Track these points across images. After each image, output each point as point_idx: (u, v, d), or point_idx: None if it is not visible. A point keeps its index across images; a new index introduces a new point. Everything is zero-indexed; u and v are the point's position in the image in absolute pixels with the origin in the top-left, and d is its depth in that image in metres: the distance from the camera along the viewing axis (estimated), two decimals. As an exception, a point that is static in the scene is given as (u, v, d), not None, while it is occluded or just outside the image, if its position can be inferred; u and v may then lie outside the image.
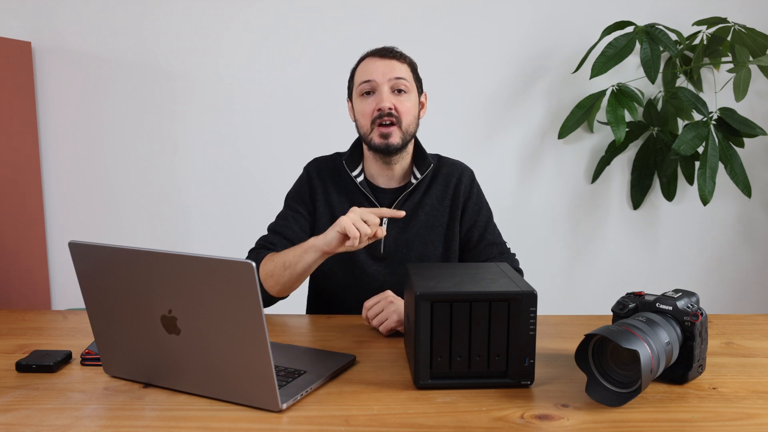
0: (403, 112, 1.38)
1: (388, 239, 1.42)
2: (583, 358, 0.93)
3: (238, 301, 0.84)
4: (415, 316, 0.95)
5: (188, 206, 2.45)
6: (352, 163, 1.46)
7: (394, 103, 1.37)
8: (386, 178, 1.46)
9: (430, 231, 1.44)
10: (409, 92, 1.40)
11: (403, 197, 1.43)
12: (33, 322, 1.34)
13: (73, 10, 2.33)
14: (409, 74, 1.41)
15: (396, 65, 1.38)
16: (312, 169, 1.50)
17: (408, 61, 1.43)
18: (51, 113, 2.39)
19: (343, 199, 1.45)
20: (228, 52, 2.37)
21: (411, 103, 1.40)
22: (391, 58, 1.39)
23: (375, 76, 1.37)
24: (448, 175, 1.48)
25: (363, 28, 2.36)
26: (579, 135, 2.45)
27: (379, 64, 1.38)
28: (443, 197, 1.46)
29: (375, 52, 1.41)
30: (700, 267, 2.54)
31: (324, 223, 1.45)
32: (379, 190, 1.46)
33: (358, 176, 1.45)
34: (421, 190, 1.46)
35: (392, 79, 1.37)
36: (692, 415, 0.88)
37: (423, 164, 1.45)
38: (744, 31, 2.15)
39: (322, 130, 2.40)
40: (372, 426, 0.85)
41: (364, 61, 1.42)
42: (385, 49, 1.41)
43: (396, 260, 1.43)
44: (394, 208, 1.42)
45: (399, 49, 1.43)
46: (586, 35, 2.34)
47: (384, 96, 1.36)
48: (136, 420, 0.87)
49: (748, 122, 2.10)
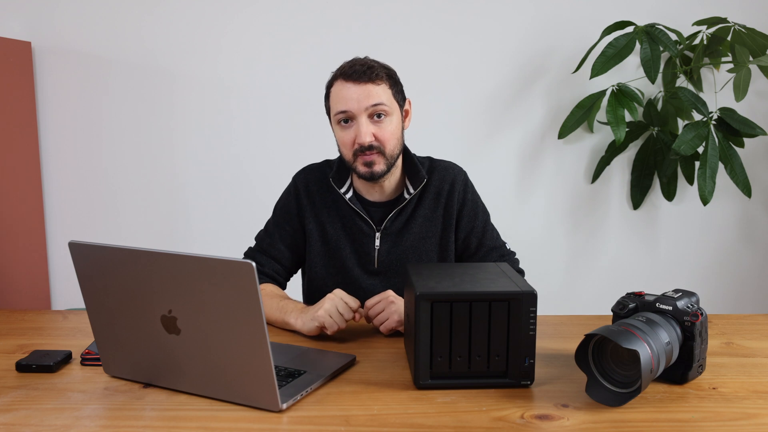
0: (384, 140, 1.31)
1: (381, 253, 1.41)
2: (583, 358, 0.93)
3: (238, 301, 0.84)
4: (415, 316, 0.95)
5: (188, 206, 2.45)
6: (339, 179, 1.41)
7: (374, 132, 1.30)
8: (377, 194, 1.42)
9: (423, 242, 1.41)
10: (390, 114, 1.31)
11: (396, 212, 1.40)
12: (33, 322, 1.34)
13: (73, 10, 2.33)
14: (387, 93, 1.31)
15: (371, 90, 1.28)
16: (300, 183, 1.45)
17: (385, 76, 1.32)
18: (51, 113, 2.38)
19: (333, 215, 1.42)
20: (227, 52, 2.37)
21: (393, 125, 1.33)
22: (366, 81, 1.28)
23: (350, 105, 1.28)
24: (440, 182, 1.42)
25: (363, 28, 2.35)
26: (579, 135, 2.45)
27: (353, 90, 1.28)
28: (435, 207, 1.42)
29: (347, 74, 1.30)
30: (700, 267, 2.54)
31: (315, 240, 1.42)
32: (370, 204, 1.42)
33: (347, 192, 1.41)
34: (413, 202, 1.41)
35: (369, 107, 1.28)
36: (692, 415, 0.88)
37: (416, 178, 1.40)
38: (744, 31, 2.15)
39: (322, 130, 2.39)
40: (372, 426, 0.85)
41: (337, 84, 1.32)
42: (358, 69, 1.29)
43: (390, 273, 1.41)
44: (386, 224, 1.40)
45: (374, 61, 1.33)
46: (586, 35, 2.34)
47: (362, 129, 1.28)
48: (136, 420, 0.87)
49: (748, 122, 2.10)
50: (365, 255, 1.41)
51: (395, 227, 1.41)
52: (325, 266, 1.43)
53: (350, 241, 1.41)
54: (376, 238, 1.40)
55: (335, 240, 1.41)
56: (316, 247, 1.43)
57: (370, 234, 1.41)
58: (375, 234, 1.40)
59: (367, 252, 1.41)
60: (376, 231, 1.40)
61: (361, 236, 1.41)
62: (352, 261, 1.41)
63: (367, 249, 1.41)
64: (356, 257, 1.41)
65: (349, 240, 1.41)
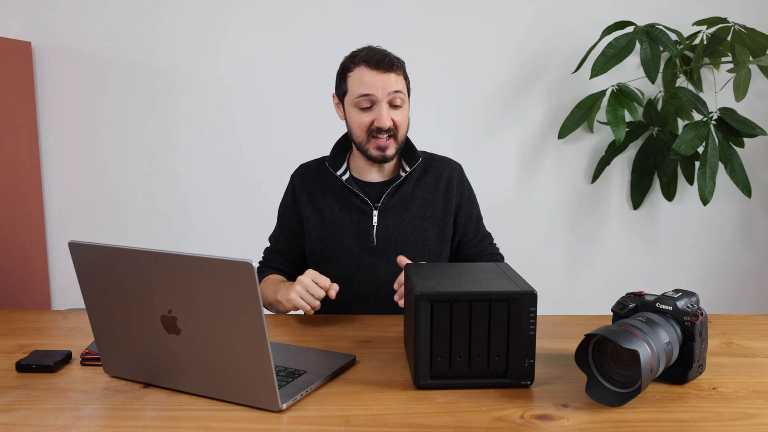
0: (400, 125, 1.41)
1: (380, 229, 1.45)
2: (583, 358, 0.93)
3: (238, 301, 0.84)
4: (415, 316, 0.95)
5: (188, 206, 2.45)
6: (335, 163, 1.48)
7: (393, 117, 1.39)
8: (376, 174, 1.50)
9: (422, 222, 1.47)
10: (405, 102, 1.42)
11: (393, 189, 1.46)
12: (33, 322, 1.34)
13: (73, 10, 2.33)
14: (403, 83, 1.41)
15: (393, 78, 1.37)
16: (296, 177, 1.54)
17: (402, 67, 1.42)
18: (51, 113, 2.39)
19: (330, 200, 1.48)
20: (227, 52, 2.37)
21: (406, 112, 1.43)
22: (389, 70, 1.37)
23: (375, 91, 1.36)
24: (440, 169, 1.51)
25: (363, 28, 2.36)
26: (579, 135, 2.45)
27: (378, 78, 1.36)
28: (435, 189, 1.49)
29: (372, 62, 1.37)
30: (700, 267, 2.54)
31: (314, 226, 1.48)
32: (367, 185, 1.49)
33: (344, 174, 1.48)
34: (411, 181, 1.48)
35: (391, 93, 1.37)
36: (692, 415, 0.88)
37: (412, 158, 1.48)
38: (744, 31, 2.15)
39: (322, 129, 2.39)
40: (372, 426, 0.85)
41: (360, 69, 1.38)
42: (381, 58, 1.37)
43: (389, 251, 1.45)
44: (383, 200, 1.46)
45: (389, 52, 1.41)
46: (586, 35, 2.34)
47: (383, 114, 1.37)
48: (136, 420, 0.87)
49: (748, 122, 2.10)
50: (364, 232, 1.45)
51: (392, 204, 1.46)
52: (324, 249, 1.47)
53: (348, 220, 1.46)
54: (374, 216, 1.45)
55: (333, 222, 1.46)
56: (315, 233, 1.48)
57: (367, 211, 1.45)
58: (372, 211, 1.45)
59: (366, 229, 1.45)
60: (374, 208, 1.45)
61: (359, 214, 1.46)
62: (351, 240, 1.45)
63: (366, 227, 1.45)
64: (355, 236, 1.45)
65: (347, 219, 1.46)
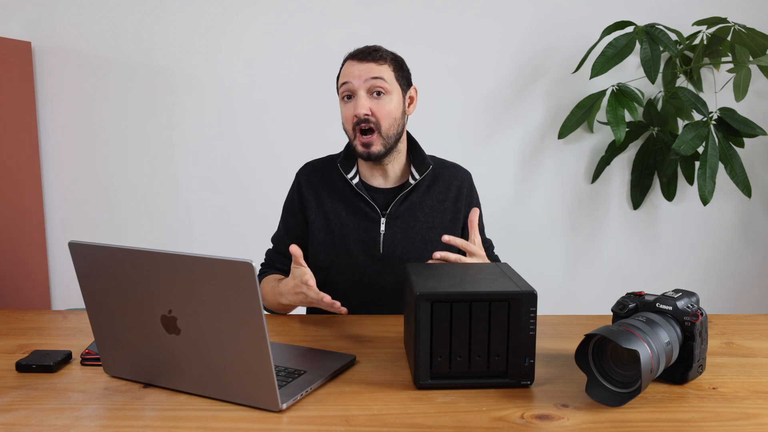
0: (381, 115, 1.35)
1: (387, 238, 1.43)
2: (583, 358, 0.93)
3: (238, 301, 0.84)
4: (415, 316, 0.95)
5: (188, 206, 2.45)
6: (346, 164, 1.45)
7: (371, 107, 1.35)
8: (381, 179, 1.46)
9: (430, 231, 1.44)
10: (390, 93, 1.37)
11: (401, 197, 1.43)
12: (33, 322, 1.34)
13: (73, 10, 2.33)
14: (390, 74, 1.37)
15: (373, 67, 1.35)
16: (302, 176, 1.50)
17: (390, 59, 1.39)
18: (51, 113, 2.39)
19: (336, 203, 1.45)
20: (228, 52, 2.37)
21: (392, 105, 1.37)
22: (369, 60, 1.36)
23: (352, 79, 1.35)
24: (450, 178, 1.48)
25: (363, 28, 2.36)
26: (579, 135, 2.45)
27: (356, 67, 1.36)
28: (444, 199, 1.46)
29: (355, 54, 1.38)
30: (700, 267, 2.54)
31: (318, 229, 1.45)
32: (375, 191, 1.46)
33: (354, 178, 1.44)
34: (421, 190, 1.45)
35: (368, 79, 1.34)
36: (692, 415, 0.88)
37: (422, 165, 1.44)
38: (744, 31, 2.15)
39: (322, 129, 2.40)
40: (372, 426, 0.85)
41: (346, 63, 1.39)
42: (365, 50, 1.38)
43: (395, 260, 1.43)
44: (391, 208, 1.43)
45: (382, 47, 1.40)
46: (586, 35, 2.34)
47: (360, 101, 1.34)
48: (136, 420, 0.87)
49: (748, 122, 2.10)
50: (371, 240, 1.43)
51: (400, 212, 1.43)
52: (329, 255, 1.44)
53: (355, 226, 1.43)
54: (382, 223, 1.42)
55: (340, 227, 1.43)
56: (320, 236, 1.45)
57: (375, 218, 1.43)
58: (380, 219, 1.42)
59: (373, 237, 1.43)
60: (381, 216, 1.42)
61: (366, 221, 1.43)
62: (357, 247, 1.43)
63: (373, 234, 1.43)
64: (361, 243, 1.43)
65: (354, 225, 1.43)
